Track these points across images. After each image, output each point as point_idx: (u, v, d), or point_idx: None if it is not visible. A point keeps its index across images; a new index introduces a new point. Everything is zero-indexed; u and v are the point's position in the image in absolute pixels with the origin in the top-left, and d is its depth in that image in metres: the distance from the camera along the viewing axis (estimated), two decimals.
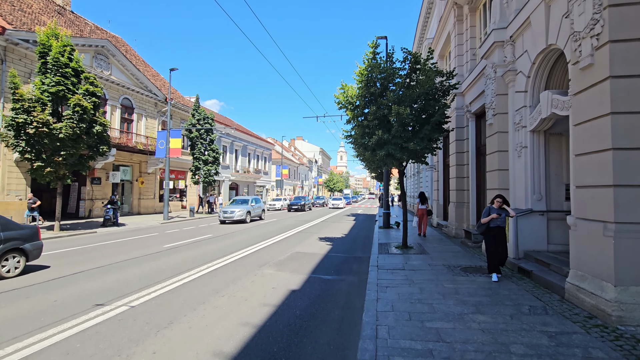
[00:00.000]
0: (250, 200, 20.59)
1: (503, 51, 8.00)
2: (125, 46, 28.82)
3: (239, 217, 18.57)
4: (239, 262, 8.26)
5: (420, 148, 8.16)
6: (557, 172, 7.22)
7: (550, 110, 6.22)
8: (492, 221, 6.28)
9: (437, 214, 16.01)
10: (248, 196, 21.24)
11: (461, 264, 7.56)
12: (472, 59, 11.62)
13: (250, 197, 21.13)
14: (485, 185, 10.91)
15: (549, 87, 6.90)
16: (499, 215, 6.26)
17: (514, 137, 7.69)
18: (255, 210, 20.66)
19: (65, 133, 13.08)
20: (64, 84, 13.43)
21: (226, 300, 5.35)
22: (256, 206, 20.92)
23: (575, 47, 4.81)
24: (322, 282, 6.57)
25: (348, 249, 10.40)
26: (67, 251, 9.75)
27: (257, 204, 21.36)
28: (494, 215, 6.25)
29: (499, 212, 6.27)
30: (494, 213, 6.28)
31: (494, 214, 6.26)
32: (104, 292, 5.75)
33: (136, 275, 6.93)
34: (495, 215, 6.24)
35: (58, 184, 14.35)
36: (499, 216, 6.26)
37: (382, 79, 8.82)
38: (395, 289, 5.74)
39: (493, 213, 6.29)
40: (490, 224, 6.29)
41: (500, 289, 5.63)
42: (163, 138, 20.86)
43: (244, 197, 21.35)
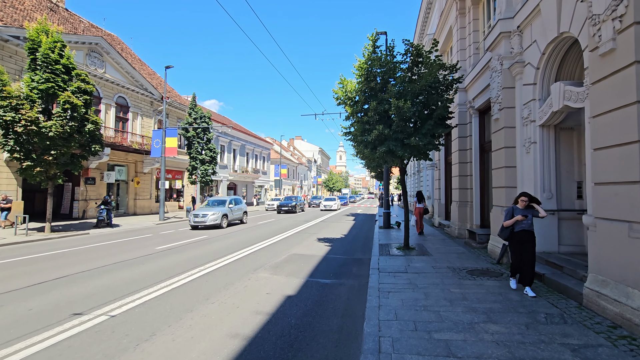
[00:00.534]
0: (227, 201, 17.43)
1: (510, 42, 7.61)
2: (121, 44, 28.38)
3: (212, 221, 15.40)
4: (234, 265, 7.86)
5: (423, 144, 7.77)
6: (568, 168, 6.84)
7: (563, 103, 5.83)
8: (516, 224, 5.37)
9: (439, 214, 15.63)
10: (226, 196, 18.09)
11: (467, 266, 7.17)
12: (475, 53, 11.23)
13: (228, 198, 18.06)
14: (489, 183, 10.54)
15: (560, 78, 6.51)
16: (524, 217, 5.31)
17: (521, 133, 7.30)
18: (235, 212, 17.72)
19: (55, 131, 12.67)
20: (54, 80, 13.01)
21: (216, 308, 4.96)
22: (235, 208, 17.82)
23: (594, 32, 4.42)
24: (320, 286, 6.18)
25: (347, 251, 10.01)
26: (54, 254, 9.34)
27: (238, 205, 18.37)
28: (519, 217, 5.30)
29: (524, 214, 5.33)
30: (519, 214, 5.35)
31: (518, 216, 5.32)
32: (85, 299, 5.35)
33: (123, 280, 6.53)
34: (520, 217, 5.30)
35: (49, 184, 13.93)
36: (525, 218, 5.32)
37: (382, 73, 8.43)
38: (398, 294, 5.35)
39: (517, 214, 5.36)
40: (515, 227, 5.39)
41: (510, 294, 5.24)
42: (159, 137, 20.44)
43: (221, 198, 18.34)
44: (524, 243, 5.35)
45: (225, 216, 16.32)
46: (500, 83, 7.78)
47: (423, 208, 13.12)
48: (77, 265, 7.77)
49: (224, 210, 16.47)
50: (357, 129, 8.83)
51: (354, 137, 9.24)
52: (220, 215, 15.81)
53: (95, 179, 20.08)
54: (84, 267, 7.57)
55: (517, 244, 5.43)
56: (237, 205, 18.25)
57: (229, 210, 16.87)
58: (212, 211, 15.77)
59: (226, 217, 16.45)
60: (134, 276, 6.78)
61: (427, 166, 21.26)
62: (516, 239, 5.43)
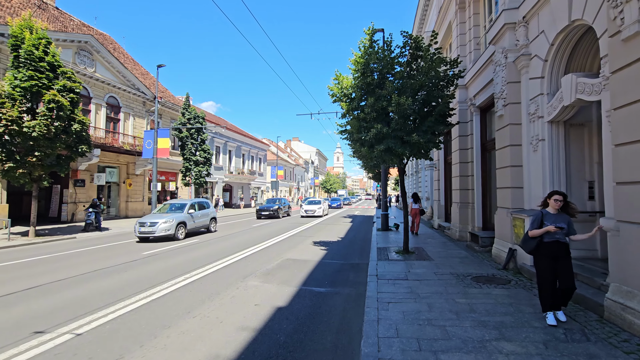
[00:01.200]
0: (188, 206, 13.82)
1: (515, 34, 7.18)
2: (114, 44, 27.82)
3: (164, 231, 12.11)
4: (222, 272, 7.36)
5: (423, 141, 7.31)
6: (578, 167, 6.41)
7: (575, 97, 5.40)
8: (547, 235, 4.14)
9: (439, 215, 15.19)
10: (187, 200, 14.73)
11: (471, 272, 6.71)
12: (476, 48, 10.81)
13: (189, 201, 14.30)
14: (491, 184, 10.12)
15: (570, 71, 6.08)
16: (559, 229, 4.03)
17: (528, 129, 6.86)
18: (199, 219, 14.33)
19: (39, 131, 12.13)
20: (38, 78, 12.48)
21: (197, 323, 4.46)
22: (198, 214, 14.37)
23: (615, 15, 3.99)
24: (313, 296, 5.70)
25: (344, 255, 9.53)
26: (33, 260, 8.80)
27: (203, 210, 14.91)
28: (551, 228, 4.02)
29: (560, 224, 4.06)
30: (551, 222, 4.10)
31: (550, 227, 4.04)
32: (52, 313, 4.83)
33: (100, 290, 6.01)
34: (553, 228, 4.02)
35: (33, 186, 13.37)
36: (561, 230, 4.04)
37: (379, 68, 7.97)
38: (399, 305, 4.88)
39: (549, 222, 4.12)
40: (545, 237, 4.16)
41: (522, 305, 4.78)
42: (150, 138, 19.89)
43: (180, 201, 14.65)
44: (558, 259, 4.10)
45: (182, 225, 13.01)
46: (504, 77, 7.35)
47: (419, 209, 13.27)
48: (54, 274, 7.24)
49: (181, 217, 13.15)
50: (354, 126, 8.37)
51: (350, 135, 8.78)
52: (174, 224, 12.48)
53: (84, 181, 19.48)
54: (61, 275, 7.04)
55: (547, 259, 4.13)
56: (202, 211, 14.82)
57: (187, 217, 13.48)
58: (164, 218, 12.43)
59: (184, 226, 13.12)
60: (112, 286, 6.26)
61: (425, 166, 20.86)
62: (546, 253, 4.13)
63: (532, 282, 5.86)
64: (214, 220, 15.79)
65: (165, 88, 29.66)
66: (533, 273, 5.90)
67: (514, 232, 6.92)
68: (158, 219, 12.36)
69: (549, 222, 4.14)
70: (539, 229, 4.16)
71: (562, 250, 4.14)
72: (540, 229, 4.14)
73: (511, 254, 6.81)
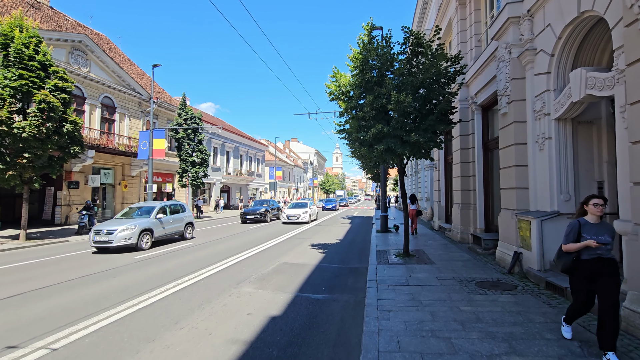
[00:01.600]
0: (156, 210, 11.77)
1: (519, 28, 6.91)
2: (109, 44, 27.52)
3: (122, 240, 10.12)
4: (215, 277, 7.05)
5: (424, 140, 7.02)
6: (587, 167, 6.13)
7: (585, 92, 5.12)
8: (586, 250, 3.35)
9: (439, 216, 14.90)
10: (157, 202, 12.79)
11: (475, 277, 6.42)
12: (477, 45, 10.55)
13: (157, 204, 12.29)
14: (494, 184, 9.85)
15: (578, 66, 5.81)
16: (604, 244, 3.26)
17: (533, 128, 6.58)
18: (170, 225, 12.29)
19: (30, 132, 11.81)
20: (29, 78, 12.16)
21: (184, 335, 4.15)
22: (169, 219, 12.29)
23: (632, 3, 3.71)
24: (310, 303, 5.40)
25: (343, 258, 9.23)
26: (20, 266, 8.48)
27: (176, 214, 12.86)
28: (592, 243, 3.26)
29: (604, 239, 3.27)
30: (592, 235, 3.31)
31: (590, 241, 3.27)
32: (30, 325, 4.52)
33: (84, 298, 5.70)
34: (594, 243, 3.25)
35: (24, 188, 13.05)
36: (605, 245, 3.27)
37: (379, 66, 7.69)
38: (400, 314, 4.58)
39: (588, 235, 3.32)
40: (583, 254, 3.38)
41: (531, 313, 4.49)
42: (146, 139, 19.58)
43: (149, 204, 12.56)
44: (599, 278, 3.29)
45: (147, 232, 10.97)
46: (508, 74, 7.08)
47: (416, 210, 13.38)
48: (39, 280, 6.93)
49: (147, 222, 11.13)
50: (353, 125, 8.08)
51: (348, 135, 8.49)
52: (136, 232, 10.49)
53: (79, 183, 19.15)
54: (46, 282, 6.72)
55: (585, 279, 3.39)
56: (175, 215, 12.74)
57: (154, 223, 11.44)
58: (124, 225, 10.43)
59: (150, 234, 11.08)
60: (98, 293, 5.95)
61: (425, 167, 20.59)
62: (585, 272, 3.37)
63: (539, 288, 5.57)
64: (190, 226, 13.73)
65: (162, 88, 29.36)
66: (540, 278, 5.64)
67: (519, 235, 6.64)
68: (117, 226, 10.36)
69: (588, 234, 3.33)
70: (575, 243, 3.32)
71: (608, 268, 3.28)
72: (578, 242, 3.32)
73: (516, 258, 6.53)
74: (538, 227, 5.97)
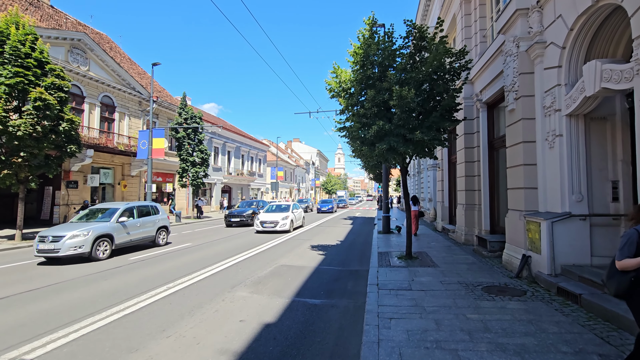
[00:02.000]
0: (119, 212, 10.10)
1: (527, 21, 6.59)
2: (110, 43, 27.36)
3: (71, 248, 8.48)
4: (209, 280, 6.78)
5: (428, 138, 6.72)
6: (600, 166, 5.80)
7: (600, 86, 4.80)
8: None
9: (442, 217, 14.57)
10: (121, 203, 11.01)
11: (481, 281, 6.10)
12: (482, 41, 10.23)
13: (124, 205, 10.55)
14: (499, 184, 9.53)
15: (591, 58, 5.48)
16: None
17: (543, 124, 6.26)
18: (136, 230, 10.53)
19: (25, 130, 11.61)
20: (25, 75, 11.97)
21: (170, 345, 3.88)
22: (136, 223, 10.58)
23: None
24: (307, 309, 5.11)
25: (343, 260, 8.93)
26: (12, 267, 8.26)
27: (145, 217, 11.09)
28: None
29: None
30: None
31: None
32: (8, 332, 4.26)
33: (70, 302, 5.44)
34: None
35: (20, 187, 12.86)
36: None
37: (380, 61, 7.39)
38: (403, 321, 4.28)
39: None
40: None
41: (543, 322, 4.18)
42: (145, 138, 19.37)
43: (113, 206, 10.66)
44: None
45: (105, 239, 9.23)
46: (516, 68, 6.76)
47: (418, 211, 13.27)
48: (28, 282, 6.69)
49: (105, 227, 9.37)
50: (355, 123, 7.78)
51: (349, 133, 8.19)
52: (90, 238, 8.76)
53: (77, 183, 18.96)
54: (35, 284, 6.48)
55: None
56: (144, 218, 10.99)
57: (116, 228, 9.71)
58: (74, 230, 8.74)
59: (109, 240, 9.37)
60: (85, 297, 5.69)
61: (428, 167, 20.26)
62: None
63: (550, 294, 5.25)
64: (164, 230, 11.92)
65: (163, 88, 29.18)
66: (551, 283, 5.32)
67: (527, 237, 6.32)
68: (66, 232, 8.69)
69: None
70: (635, 258, 2.61)
71: None
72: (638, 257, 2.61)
73: (525, 261, 6.21)
74: (548, 229, 5.65)
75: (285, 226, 15.18)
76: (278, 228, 15.03)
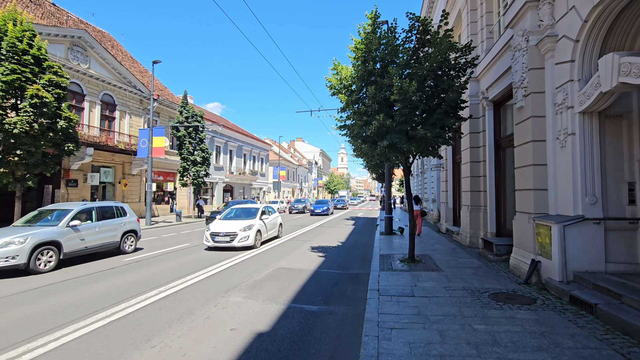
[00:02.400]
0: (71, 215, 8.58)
1: (537, 13, 6.27)
2: (112, 41, 27.26)
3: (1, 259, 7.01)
4: (203, 284, 6.52)
5: (432, 135, 6.41)
6: (615, 166, 5.47)
7: (617, 80, 4.48)
8: None
9: (446, 219, 14.23)
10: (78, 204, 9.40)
11: (487, 288, 5.79)
12: (489, 37, 9.89)
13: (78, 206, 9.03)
14: (506, 185, 9.19)
15: (607, 51, 5.16)
16: None
17: (554, 122, 5.94)
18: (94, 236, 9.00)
19: (21, 128, 11.44)
20: (22, 72, 11.79)
21: (154, 356, 3.61)
22: (94, 227, 9.07)
23: None
24: (303, 316, 4.83)
25: (343, 263, 8.64)
26: None
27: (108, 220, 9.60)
28: None
29: None
30: None
31: None
32: None
33: (54, 307, 5.20)
34: None
35: (17, 186, 12.70)
36: None
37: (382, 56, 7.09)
38: (404, 332, 3.99)
39: None
40: None
41: (557, 335, 3.87)
42: (145, 136, 19.19)
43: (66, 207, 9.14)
44: None
45: (48, 247, 7.74)
46: (525, 64, 6.43)
47: (420, 210, 13.12)
48: (14, 285, 6.46)
49: (49, 233, 7.88)
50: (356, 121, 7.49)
51: (350, 131, 7.90)
52: (27, 247, 7.30)
53: (77, 181, 18.82)
54: (19, 288, 6.25)
55: None
56: (106, 222, 9.48)
57: (65, 233, 8.20)
58: (8, 237, 7.30)
59: (54, 249, 7.85)
60: (71, 301, 5.45)
61: (431, 167, 19.92)
62: None
63: (562, 303, 4.93)
64: (132, 235, 10.33)
65: (165, 86, 29.04)
66: (563, 291, 5.01)
67: (537, 241, 6.00)
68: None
69: None
70: None
71: None
72: None
73: (534, 267, 5.89)
74: (560, 233, 5.33)
75: (247, 240, 10.42)
76: (236, 243, 10.23)
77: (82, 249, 8.69)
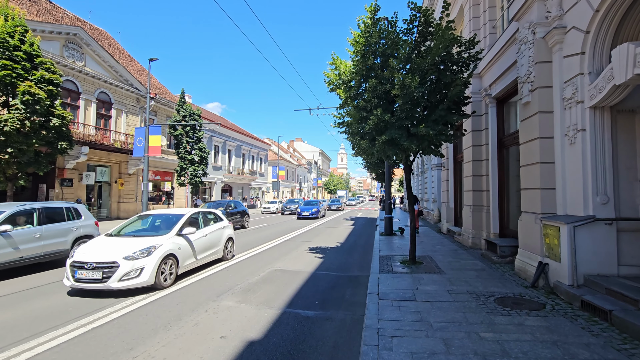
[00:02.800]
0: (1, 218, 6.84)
1: (545, 4, 6.00)
2: (110, 39, 26.95)
3: None
4: (194, 287, 6.23)
5: (434, 133, 6.13)
6: (628, 164, 5.20)
7: (633, 72, 4.20)
8: None
9: (447, 219, 13.95)
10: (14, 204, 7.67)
11: (493, 292, 5.51)
12: (492, 32, 9.61)
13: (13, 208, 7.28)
14: (509, 184, 8.93)
15: (619, 43, 4.88)
16: None
17: (562, 118, 5.66)
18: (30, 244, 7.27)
19: (12, 126, 11.16)
20: (13, 69, 11.52)
21: None
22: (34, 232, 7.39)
23: None
24: (298, 323, 4.55)
25: (342, 265, 8.36)
26: None
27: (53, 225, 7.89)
28: None
29: None
30: None
31: None
32: None
33: (33, 312, 4.91)
34: None
35: (8, 185, 12.40)
36: None
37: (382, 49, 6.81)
38: (406, 341, 3.72)
39: None
40: None
41: (570, 344, 3.59)
42: (142, 135, 18.86)
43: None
44: None
45: None
46: (532, 57, 6.16)
47: (418, 210, 13.35)
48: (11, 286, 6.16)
49: None
50: (353, 117, 7.23)
51: (348, 127, 7.63)
52: None
53: (72, 180, 18.53)
54: (6, 290, 5.96)
55: None
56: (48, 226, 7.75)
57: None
58: None
59: None
60: (53, 307, 5.15)
61: (432, 166, 19.65)
62: None
63: (573, 308, 4.65)
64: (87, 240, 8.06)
65: (162, 85, 28.74)
66: (573, 296, 4.73)
67: (544, 243, 5.72)
68: None
69: None
70: None
71: None
72: None
73: (542, 269, 5.61)
74: (569, 234, 5.05)
75: (137, 276, 5.71)
76: (114, 283, 5.55)
77: (15, 260, 6.98)
